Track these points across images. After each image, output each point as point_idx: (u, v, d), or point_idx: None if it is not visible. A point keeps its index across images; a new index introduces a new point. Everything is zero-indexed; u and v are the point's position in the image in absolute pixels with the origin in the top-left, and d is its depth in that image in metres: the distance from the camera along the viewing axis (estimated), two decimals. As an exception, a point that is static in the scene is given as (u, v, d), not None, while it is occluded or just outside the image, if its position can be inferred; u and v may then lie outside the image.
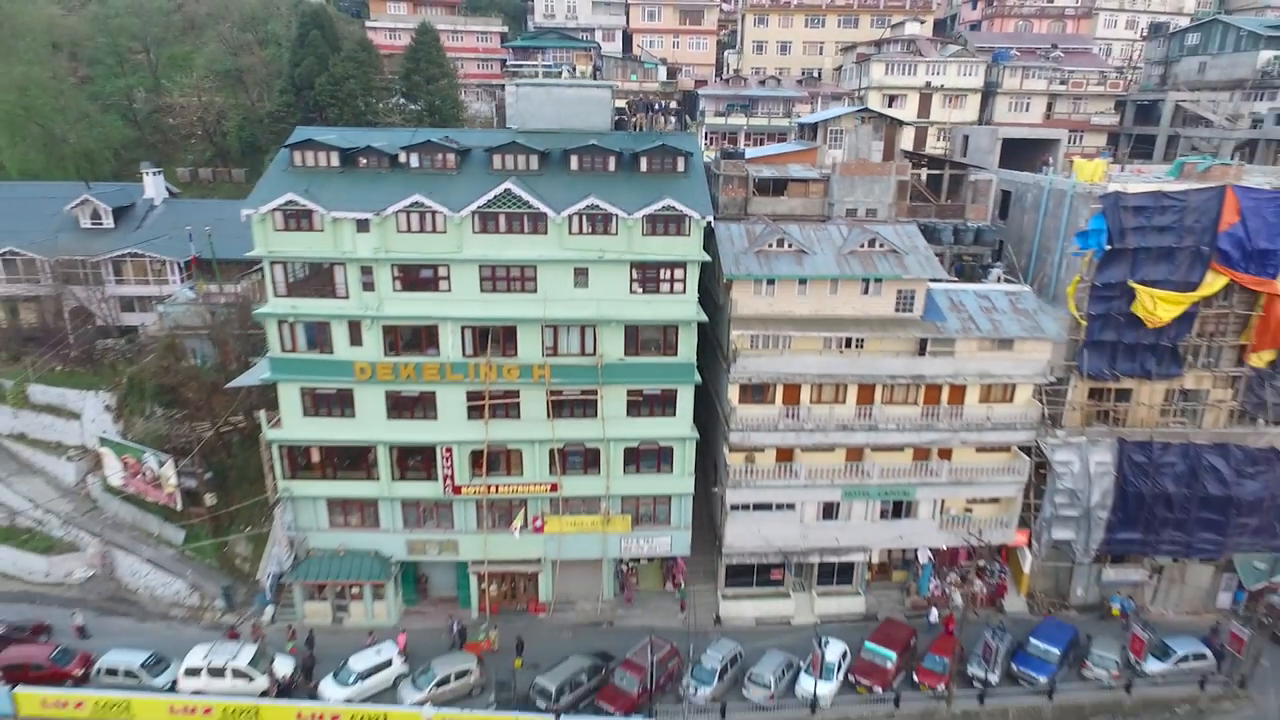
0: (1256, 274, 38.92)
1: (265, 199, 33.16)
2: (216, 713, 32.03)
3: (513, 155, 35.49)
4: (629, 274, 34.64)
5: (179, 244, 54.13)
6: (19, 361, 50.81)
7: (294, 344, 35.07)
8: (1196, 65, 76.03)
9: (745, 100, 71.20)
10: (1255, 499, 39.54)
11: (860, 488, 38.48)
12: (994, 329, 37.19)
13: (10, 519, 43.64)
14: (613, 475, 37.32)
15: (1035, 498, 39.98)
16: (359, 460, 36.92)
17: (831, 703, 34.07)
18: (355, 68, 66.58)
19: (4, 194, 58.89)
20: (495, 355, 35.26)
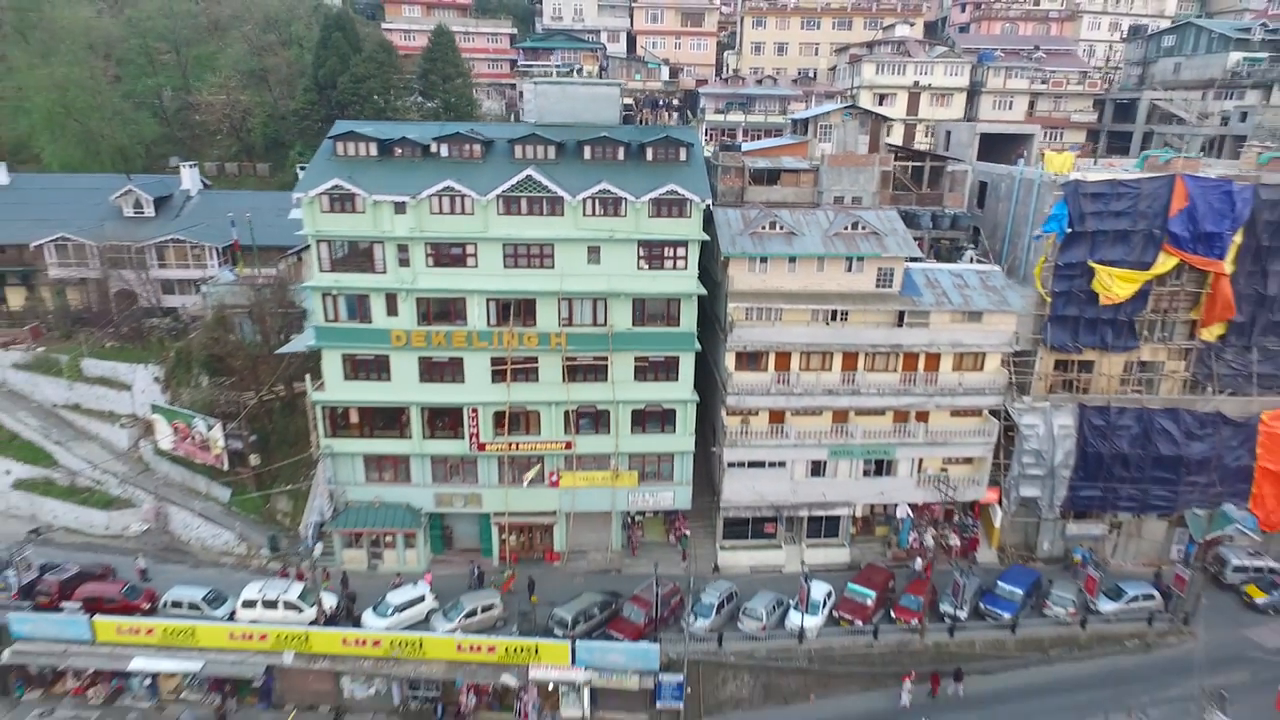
0: (1204, 255, 43.03)
1: (313, 184, 37.28)
2: (271, 639, 36.12)
3: (532, 146, 39.63)
4: (636, 252, 38.77)
5: (216, 231, 58.49)
6: (70, 339, 55.04)
7: (336, 314, 39.21)
8: (1172, 66, 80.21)
9: (743, 99, 75.30)
10: (1203, 459, 43.63)
11: (845, 447, 42.58)
12: (965, 303, 41.31)
13: (71, 479, 47.80)
14: (621, 435, 41.46)
15: (1004, 458, 44.05)
16: (393, 420, 41.07)
17: (817, 634, 38.14)
18: (376, 67, 70.72)
19: (51, 185, 63.23)
20: (516, 325, 39.41)
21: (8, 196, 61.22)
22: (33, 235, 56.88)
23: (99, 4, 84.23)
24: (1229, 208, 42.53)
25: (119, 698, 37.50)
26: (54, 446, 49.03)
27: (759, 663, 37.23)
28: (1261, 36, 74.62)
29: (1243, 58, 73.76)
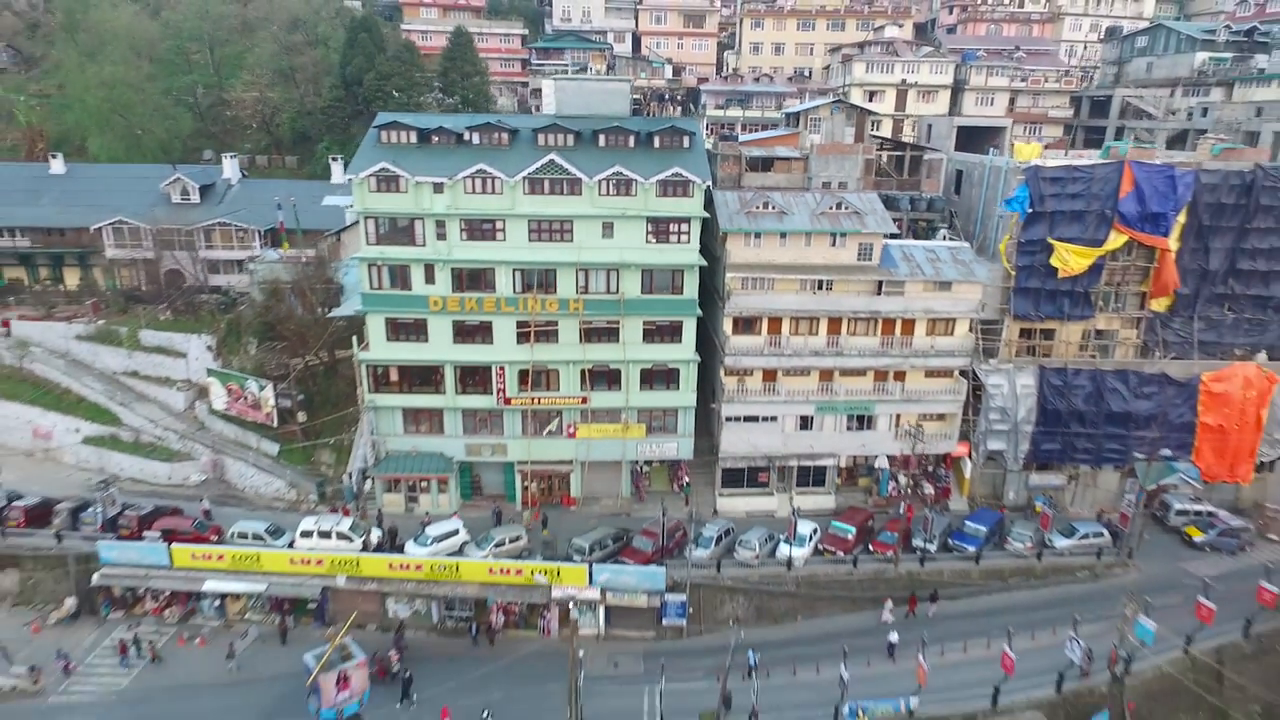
0: (1150, 232, 48.27)
1: (363, 167, 42.58)
2: (326, 563, 41.42)
3: (554, 134, 44.90)
4: (645, 228, 44.04)
5: (257, 215, 63.80)
6: (125, 314, 60.36)
7: (381, 283, 44.50)
8: (1145, 65, 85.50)
9: (742, 95, 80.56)
10: (1149, 415, 48.85)
11: (830, 404, 47.84)
12: (936, 274, 46.55)
13: (135, 436, 53.10)
14: (631, 391, 46.72)
15: (973, 415, 49.28)
16: (429, 377, 46.34)
17: (804, 564, 43.39)
18: (399, 66, 76.09)
19: (103, 174, 68.58)
20: (539, 292, 44.67)
21: (65, 185, 66.52)
22: (90, 220, 62.14)
23: (137, 6, 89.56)
24: (1172, 190, 47.75)
25: (191, 617, 42.86)
26: (118, 408, 54.36)
27: (753, 587, 42.51)
28: (1226, 38, 79.91)
29: (1208, 57, 78.98)
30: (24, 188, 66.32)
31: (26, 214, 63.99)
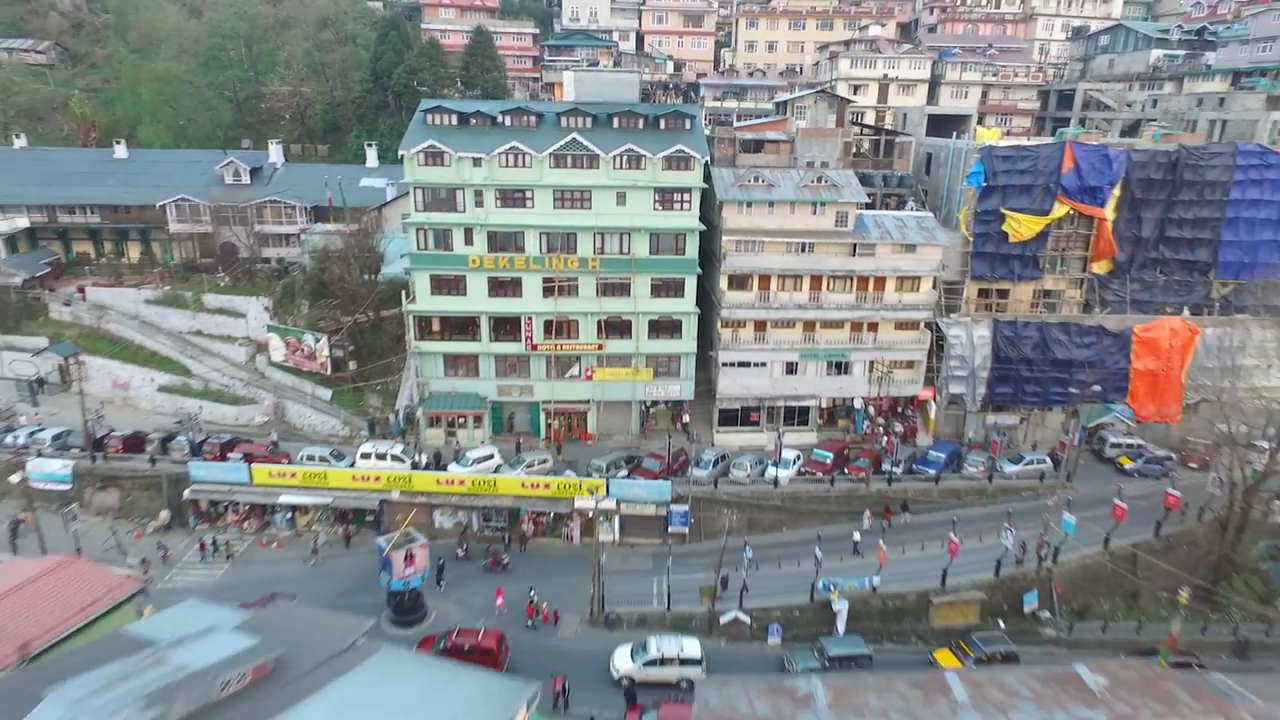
0: (1089, 204, 55.91)
1: (413, 144, 50.06)
2: (384, 480, 48.88)
3: (575, 117, 52.39)
4: (653, 197, 51.56)
5: (300, 194, 71.16)
6: (186, 281, 67.75)
7: (426, 244, 51.97)
8: (1107, 62, 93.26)
9: (737, 89, 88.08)
10: (1089, 362, 56.38)
11: (812, 351, 55.37)
12: (902, 238, 54.10)
13: (204, 384, 60.52)
14: (640, 339, 54.25)
15: (936, 362, 56.82)
16: (467, 327, 53.81)
17: (789, 482, 50.93)
18: (425, 62, 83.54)
19: (160, 159, 76.03)
20: (562, 253, 52.16)
21: (128, 168, 73.92)
22: (153, 198, 69.54)
23: (178, 6, 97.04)
24: (1107, 167, 55.41)
25: (266, 529, 50.30)
26: (187, 360, 61.80)
27: (744, 501, 50.03)
28: (1178, 37, 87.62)
29: (1162, 55, 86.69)
30: (90, 170, 73.78)
31: (96, 193, 71.39)
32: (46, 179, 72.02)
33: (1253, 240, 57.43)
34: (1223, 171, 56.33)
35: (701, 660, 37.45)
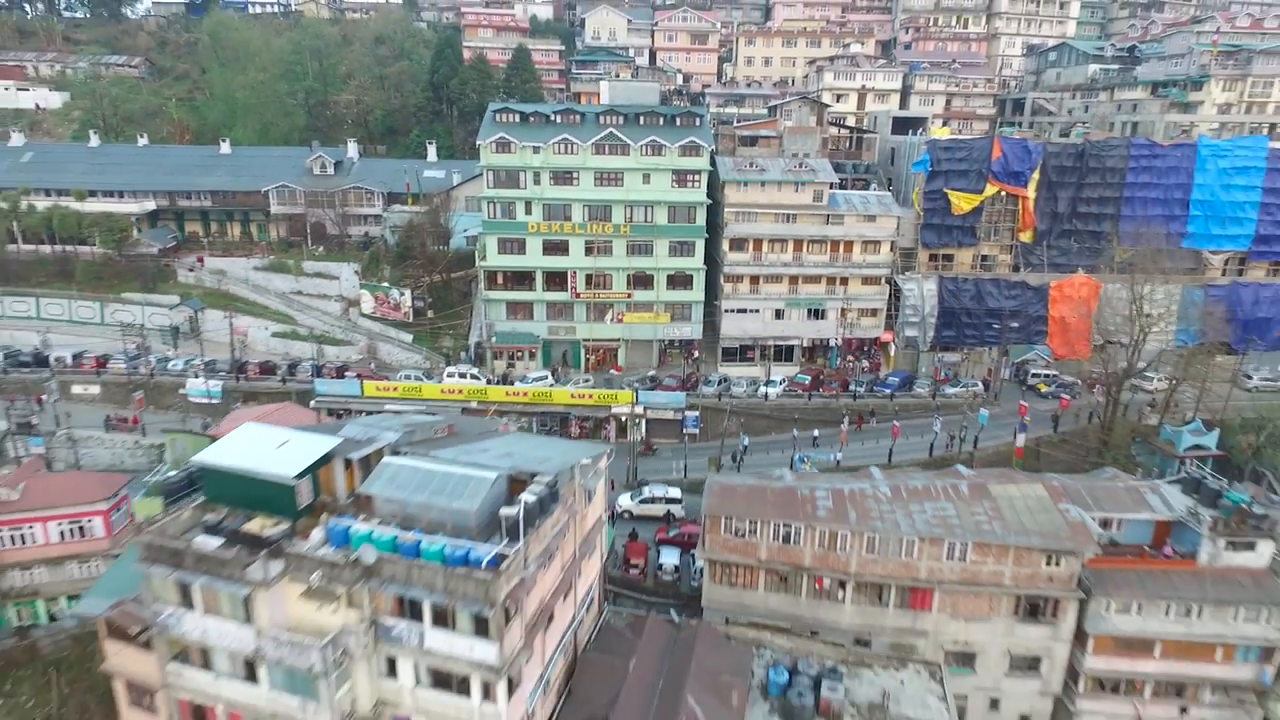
0: (1014, 185, 70.90)
1: (487, 135, 65.21)
2: (465, 392, 63.59)
3: (610, 116, 67.53)
4: (670, 177, 66.58)
5: (379, 182, 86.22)
6: (286, 253, 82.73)
7: (495, 214, 66.99)
8: (1055, 74, 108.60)
9: (737, 98, 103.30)
10: (1014, 311, 71.10)
11: (795, 300, 70.22)
12: (864, 209, 69.10)
13: (309, 331, 75.44)
14: (660, 290, 69.13)
15: (894, 311, 71.62)
16: (525, 279, 68.74)
17: (776, 397, 65.66)
18: (474, 74, 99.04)
19: (259, 154, 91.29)
20: (600, 221, 67.17)
21: (231, 161, 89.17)
22: (256, 186, 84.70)
23: (261, 25, 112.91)
24: (1027, 156, 70.45)
25: (372, 432, 64.94)
26: (294, 312, 76.77)
27: (742, 410, 64.72)
28: (1112, 54, 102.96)
29: (1099, 69, 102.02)
30: (200, 164, 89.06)
31: (208, 181, 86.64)
32: (166, 171, 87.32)
33: (1146, 215, 72.23)
34: (1119, 160, 71.38)
35: (681, 500, 52.17)
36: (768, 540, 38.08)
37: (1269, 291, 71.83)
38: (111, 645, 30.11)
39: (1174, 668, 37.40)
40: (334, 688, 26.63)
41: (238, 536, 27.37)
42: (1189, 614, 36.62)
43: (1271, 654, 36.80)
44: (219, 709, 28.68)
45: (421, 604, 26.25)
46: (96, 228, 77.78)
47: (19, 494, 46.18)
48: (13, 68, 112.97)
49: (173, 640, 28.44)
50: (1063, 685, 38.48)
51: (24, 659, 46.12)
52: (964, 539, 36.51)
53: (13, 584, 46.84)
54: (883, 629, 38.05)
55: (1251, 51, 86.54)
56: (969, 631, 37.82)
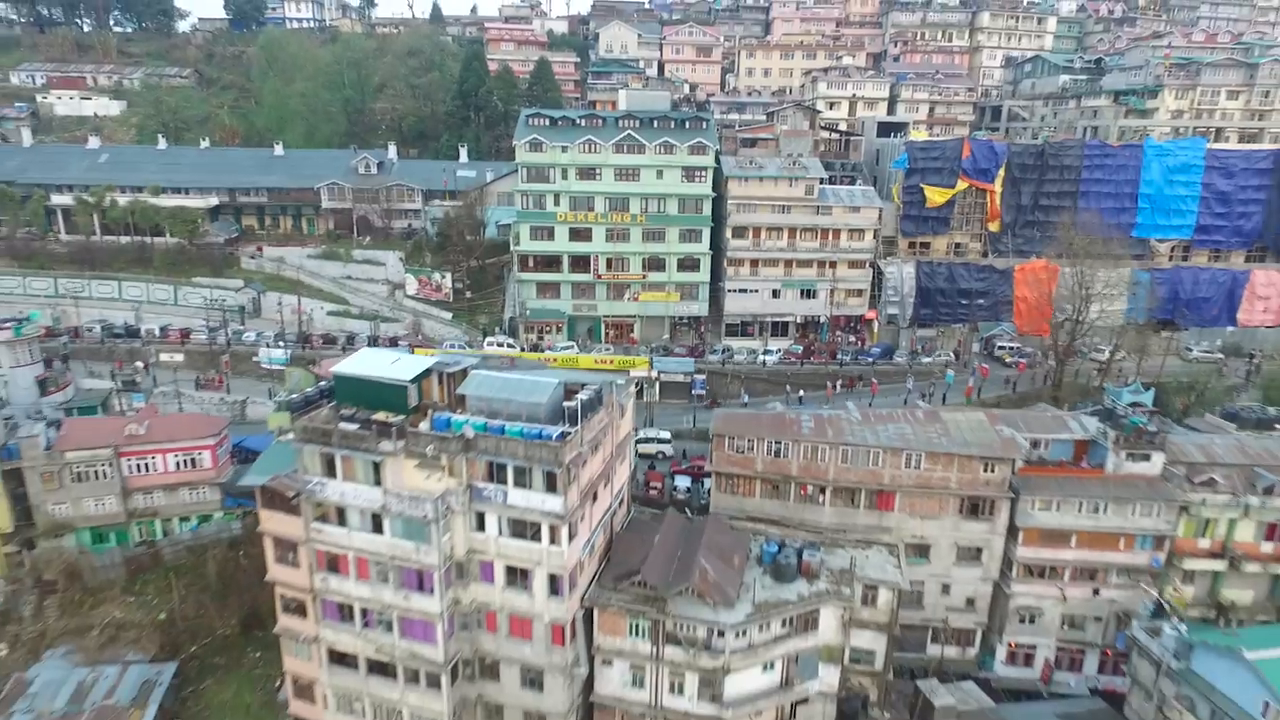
0: (982, 181, 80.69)
1: (521, 136, 75.22)
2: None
3: (628, 119, 77.49)
4: (680, 173, 76.49)
5: (417, 180, 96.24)
6: (335, 242, 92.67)
7: (528, 205, 76.89)
8: (1030, 84, 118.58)
9: (739, 105, 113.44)
10: (983, 292, 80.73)
11: (790, 281, 79.92)
12: (850, 201, 78.90)
13: (360, 310, 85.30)
14: (671, 272, 78.92)
15: (878, 292, 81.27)
16: (553, 262, 78.57)
17: (773, 364, 75.30)
18: (500, 84, 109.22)
19: (309, 155, 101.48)
20: (619, 210, 77.03)
21: (284, 162, 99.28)
22: (309, 183, 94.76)
23: (305, 37, 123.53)
24: (993, 155, 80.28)
25: (420, 394, 74.66)
26: (346, 294, 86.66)
27: (743, 375, 74.36)
28: (1081, 65, 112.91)
29: (1069, 79, 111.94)
30: (256, 164, 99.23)
31: (265, 180, 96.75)
32: (226, 170, 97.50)
33: (1099, 208, 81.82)
34: (1075, 159, 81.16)
35: (669, 441, 61.97)
36: (762, 454, 47.67)
37: (1207, 275, 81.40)
38: (265, 512, 39.73)
39: (1087, 555, 46.76)
40: (440, 535, 36.30)
41: (368, 423, 37.07)
42: (1097, 510, 46.02)
43: (1162, 542, 46.20)
44: (349, 556, 38.25)
45: (506, 468, 35.94)
46: (172, 220, 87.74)
47: (145, 429, 56.04)
48: (76, 79, 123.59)
49: (317, 503, 38.07)
50: (1000, 572, 47.89)
51: (149, 565, 55.88)
52: (919, 451, 46.09)
53: (137, 505, 56.46)
54: (855, 526, 47.48)
55: (1200, 64, 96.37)
56: (924, 528, 47.29)
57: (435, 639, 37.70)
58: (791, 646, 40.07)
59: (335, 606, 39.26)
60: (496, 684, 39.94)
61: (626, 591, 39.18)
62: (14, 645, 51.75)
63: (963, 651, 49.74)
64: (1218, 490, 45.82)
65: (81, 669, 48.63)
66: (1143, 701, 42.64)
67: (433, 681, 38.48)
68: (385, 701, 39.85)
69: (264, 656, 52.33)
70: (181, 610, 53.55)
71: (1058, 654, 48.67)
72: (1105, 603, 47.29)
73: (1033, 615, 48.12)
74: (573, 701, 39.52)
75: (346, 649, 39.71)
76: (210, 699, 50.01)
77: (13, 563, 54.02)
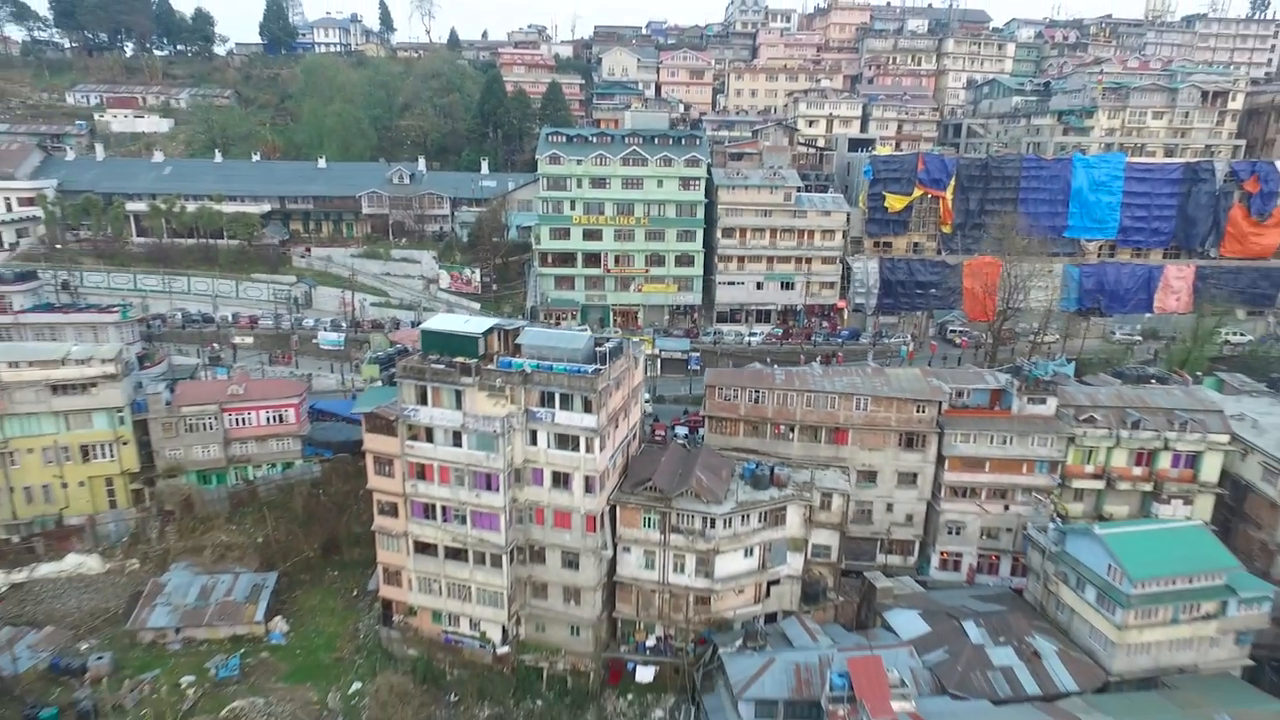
0: (935, 189, 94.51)
1: (543, 151, 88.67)
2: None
3: (633, 137, 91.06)
4: (678, 182, 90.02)
5: (443, 190, 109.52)
6: (375, 244, 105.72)
7: (548, 210, 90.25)
8: (988, 105, 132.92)
9: (728, 123, 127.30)
10: (936, 284, 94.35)
11: (772, 274, 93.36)
12: (823, 207, 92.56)
13: (399, 302, 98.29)
14: (669, 266, 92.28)
15: (847, 284, 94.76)
16: (569, 259, 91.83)
17: (757, 344, 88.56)
18: (515, 105, 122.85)
19: (348, 168, 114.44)
20: (625, 214, 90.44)
21: (327, 173, 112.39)
22: (350, 192, 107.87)
23: (341, 60, 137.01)
24: (945, 167, 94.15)
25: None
26: (386, 288, 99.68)
27: (730, 353, 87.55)
28: (1031, 88, 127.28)
29: (1020, 100, 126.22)
30: (302, 175, 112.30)
31: (310, 189, 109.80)
32: (275, 180, 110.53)
33: (1036, 213, 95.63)
34: (1015, 171, 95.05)
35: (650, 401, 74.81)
36: (745, 401, 60.75)
37: (1127, 269, 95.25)
38: (369, 435, 52.59)
39: (999, 478, 59.79)
40: (504, 446, 49.26)
41: (451, 364, 50.05)
42: (1005, 442, 59.13)
43: (1056, 466, 59.35)
44: (434, 465, 51.10)
45: (554, 395, 48.96)
46: (233, 224, 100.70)
47: (244, 389, 68.79)
48: (129, 98, 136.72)
49: (410, 425, 50.96)
50: (932, 493, 60.95)
51: (247, 500, 68.47)
52: (866, 395, 59.27)
53: (235, 453, 69.01)
54: (818, 457, 60.47)
55: (1129, 88, 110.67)
56: (871, 458, 60.32)
57: (499, 528, 50.59)
58: (766, 536, 53.12)
59: (421, 506, 52.11)
60: (542, 566, 52.84)
61: (641, 494, 52.23)
62: (144, 560, 64.30)
63: (905, 559, 62.64)
64: (1097, 426, 59.10)
65: (203, 576, 61.30)
66: (1035, 584, 55.78)
67: (495, 562, 51.35)
68: (458, 580, 52.64)
69: (341, 574, 65.13)
70: (274, 536, 66.01)
71: (979, 560, 61.63)
72: (1014, 516, 60.23)
73: (958, 528, 61.07)
74: (600, 578, 52.44)
75: (429, 540, 52.52)
76: (302, 603, 62.50)
77: (140, 496, 66.56)
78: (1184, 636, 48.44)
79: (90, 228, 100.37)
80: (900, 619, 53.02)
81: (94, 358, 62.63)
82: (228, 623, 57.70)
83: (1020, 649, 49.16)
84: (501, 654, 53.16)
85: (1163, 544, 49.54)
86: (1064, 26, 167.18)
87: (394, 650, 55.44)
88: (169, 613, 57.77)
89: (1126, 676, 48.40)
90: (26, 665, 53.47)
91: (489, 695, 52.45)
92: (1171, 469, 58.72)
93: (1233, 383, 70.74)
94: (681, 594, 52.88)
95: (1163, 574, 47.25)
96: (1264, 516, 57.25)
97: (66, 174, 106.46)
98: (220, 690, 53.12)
